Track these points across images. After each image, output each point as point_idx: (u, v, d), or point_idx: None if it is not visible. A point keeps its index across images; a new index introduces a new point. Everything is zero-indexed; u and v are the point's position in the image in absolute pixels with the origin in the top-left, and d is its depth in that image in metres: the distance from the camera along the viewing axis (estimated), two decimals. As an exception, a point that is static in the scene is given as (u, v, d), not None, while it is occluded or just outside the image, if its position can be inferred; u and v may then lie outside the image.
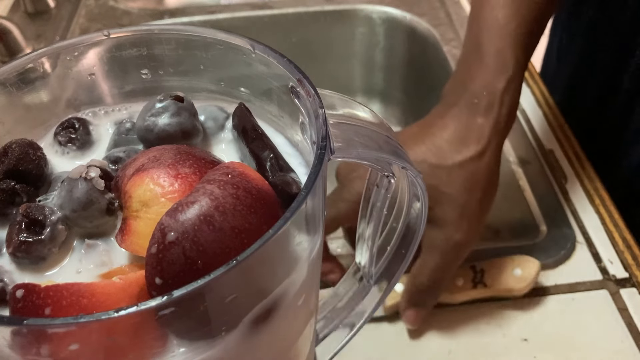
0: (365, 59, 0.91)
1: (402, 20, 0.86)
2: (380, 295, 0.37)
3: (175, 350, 0.22)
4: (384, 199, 0.32)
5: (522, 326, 0.49)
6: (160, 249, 0.22)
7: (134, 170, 0.25)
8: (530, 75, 0.74)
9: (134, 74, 0.32)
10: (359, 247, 0.36)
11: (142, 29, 0.31)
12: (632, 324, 0.49)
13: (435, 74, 0.82)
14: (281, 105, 0.30)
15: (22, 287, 0.22)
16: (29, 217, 0.26)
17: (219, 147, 0.31)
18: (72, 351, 0.20)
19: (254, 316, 0.23)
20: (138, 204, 0.25)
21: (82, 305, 0.21)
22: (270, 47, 0.29)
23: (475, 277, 0.50)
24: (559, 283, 0.52)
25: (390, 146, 0.29)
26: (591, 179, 0.61)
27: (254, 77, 0.31)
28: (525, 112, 0.69)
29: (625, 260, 0.54)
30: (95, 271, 0.25)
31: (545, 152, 0.64)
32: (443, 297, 0.49)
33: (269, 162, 0.27)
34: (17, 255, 0.25)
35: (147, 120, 0.29)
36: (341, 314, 0.38)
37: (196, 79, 0.32)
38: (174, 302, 0.19)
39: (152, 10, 0.89)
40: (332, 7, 0.87)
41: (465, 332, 0.49)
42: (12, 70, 0.30)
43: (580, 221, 0.57)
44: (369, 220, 0.34)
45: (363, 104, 0.29)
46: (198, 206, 0.22)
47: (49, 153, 0.30)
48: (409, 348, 0.48)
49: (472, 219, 0.45)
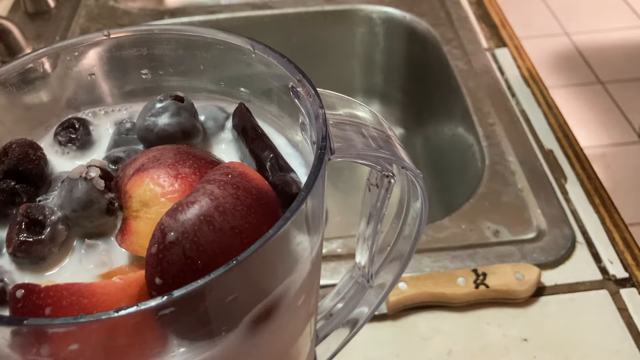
0: (365, 59, 0.91)
1: (402, 20, 0.86)
2: (381, 295, 0.37)
3: (175, 350, 0.22)
4: (384, 199, 0.32)
5: (522, 326, 0.49)
6: (160, 249, 0.22)
7: (134, 170, 0.25)
8: (530, 75, 0.74)
9: (134, 74, 0.32)
10: (359, 247, 0.36)
11: (142, 29, 0.31)
12: (632, 324, 0.49)
13: (435, 74, 0.82)
14: (281, 105, 0.30)
15: (22, 287, 0.22)
16: (29, 217, 0.26)
17: (219, 147, 0.31)
18: (72, 351, 0.20)
19: (254, 316, 0.23)
20: (138, 204, 0.25)
21: (82, 305, 0.21)
22: (270, 47, 0.29)
23: (477, 278, 0.50)
24: (559, 283, 0.52)
25: (390, 146, 0.29)
26: (591, 179, 0.61)
27: (254, 77, 0.31)
28: (525, 112, 0.69)
29: (625, 260, 0.54)
30: (95, 271, 0.25)
31: (545, 152, 0.64)
32: (444, 298, 0.50)
33: (269, 162, 0.27)
34: (17, 255, 0.25)
35: (147, 120, 0.29)
36: (341, 314, 0.38)
37: (196, 79, 0.32)
38: (174, 302, 0.19)
39: (152, 10, 0.89)
40: (332, 7, 0.87)
41: (465, 332, 0.49)
42: (12, 70, 0.30)
43: (580, 221, 0.57)
44: (369, 220, 0.34)
45: (363, 104, 0.29)
46: (198, 206, 0.22)
47: (49, 153, 0.30)
48: (409, 348, 0.48)
49: None
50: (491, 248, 0.54)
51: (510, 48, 0.79)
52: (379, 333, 0.49)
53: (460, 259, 0.54)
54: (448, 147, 0.78)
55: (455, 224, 0.57)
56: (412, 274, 0.51)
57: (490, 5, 0.87)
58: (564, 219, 0.57)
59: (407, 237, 0.35)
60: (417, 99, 0.88)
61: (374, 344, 0.48)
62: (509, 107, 0.70)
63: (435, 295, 0.50)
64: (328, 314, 0.38)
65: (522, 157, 0.63)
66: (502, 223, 0.57)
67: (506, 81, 0.74)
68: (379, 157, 0.28)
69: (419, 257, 0.54)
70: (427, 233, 0.56)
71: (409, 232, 0.35)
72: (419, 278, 0.51)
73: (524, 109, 0.70)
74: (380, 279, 0.37)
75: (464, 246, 0.55)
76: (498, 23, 0.84)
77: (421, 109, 0.87)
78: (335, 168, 0.81)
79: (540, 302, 0.51)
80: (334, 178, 0.85)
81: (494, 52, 0.79)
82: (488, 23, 0.84)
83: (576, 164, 0.62)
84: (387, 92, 0.93)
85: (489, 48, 0.79)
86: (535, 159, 0.63)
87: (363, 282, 0.37)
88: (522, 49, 0.79)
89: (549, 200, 0.58)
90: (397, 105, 0.92)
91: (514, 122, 0.68)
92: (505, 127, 0.67)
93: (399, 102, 0.92)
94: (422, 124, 0.87)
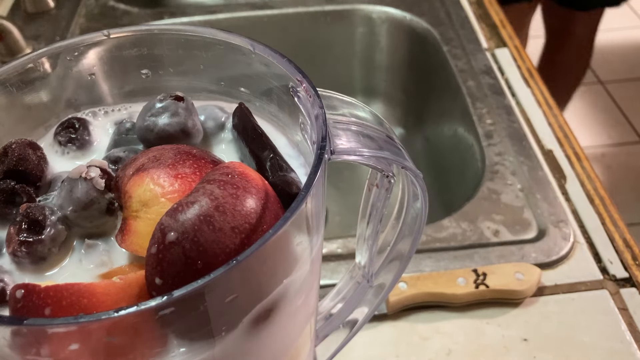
0: (365, 59, 0.91)
1: (402, 20, 0.86)
2: (381, 295, 0.37)
3: (175, 350, 0.22)
4: (384, 199, 0.32)
5: (522, 326, 0.49)
6: (160, 249, 0.22)
7: (134, 170, 0.25)
8: (530, 75, 0.75)
9: (134, 74, 0.33)
10: (359, 247, 0.36)
11: (142, 29, 0.31)
12: (632, 324, 0.49)
13: (435, 74, 0.82)
14: (281, 105, 0.30)
15: (22, 287, 0.22)
16: (29, 217, 0.26)
17: (219, 147, 0.31)
18: (72, 351, 0.20)
19: (254, 316, 0.23)
20: (138, 204, 0.25)
21: (82, 305, 0.21)
22: (270, 47, 0.29)
23: (477, 278, 0.50)
24: (559, 283, 0.52)
25: (390, 146, 0.29)
26: (591, 179, 0.61)
27: (254, 77, 0.31)
28: (525, 112, 0.69)
29: (625, 260, 0.54)
30: (95, 271, 0.25)
31: (545, 152, 0.64)
32: (444, 298, 0.50)
33: (269, 162, 0.27)
34: (17, 255, 0.25)
35: (147, 120, 0.29)
36: (341, 314, 0.38)
37: (196, 79, 0.32)
38: (174, 302, 0.19)
39: (152, 10, 0.89)
40: (332, 7, 0.87)
41: (465, 332, 0.49)
42: (12, 70, 0.30)
43: (580, 221, 0.57)
44: (369, 220, 0.34)
45: (363, 104, 0.29)
46: (198, 206, 0.22)
47: (49, 153, 0.30)
48: (409, 348, 0.48)
49: None
50: (491, 248, 0.54)
51: (510, 48, 0.79)
52: (379, 333, 0.49)
53: (460, 259, 0.54)
54: (448, 147, 0.78)
55: (455, 224, 0.57)
56: (412, 274, 0.51)
57: (490, 5, 0.87)
58: (564, 219, 0.57)
59: (407, 237, 0.35)
60: (417, 99, 0.88)
61: (374, 344, 0.48)
62: (509, 107, 0.70)
63: (435, 295, 0.50)
64: (328, 314, 0.38)
65: (522, 157, 0.63)
66: (502, 223, 0.57)
67: (506, 81, 0.74)
68: (379, 157, 0.28)
69: (419, 257, 0.54)
70: (427, 233, 0.56)
71: (409, 232, 0.35)
72: (419, 278, 0.51)
73: (524, 109, 0.70)
74: (380, 279, 0.37)
75: (464, 246, 0.55)
76: (498, 23, 0.84)
77: (421, 109, 0.87)
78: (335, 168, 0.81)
79: (540, 302, 0.51)
80: (334, 178, 0.85)
81: (494, 52, 0.79)
82: (488, 23, 0.84)
83: (576, 164, 0.62)
84: (387, 92, 0.93)
85: (488, 48, 0.79)
86: (535, 159, 0.63)
87: (363, 282, 0.37)
88: (522, 49, 0.79)
89: (549, 200, 0.58)
90: (397, 105, 0.92)
91: (513, 122, 0.68)
92: (505, 127, 0.67)
93: (399, 102, 0.92)
94: (422, 124, 0.87)
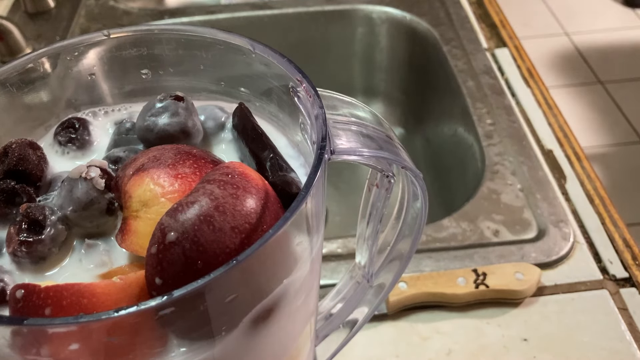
0: (365, 59, 0.91)
1: (402, 20, 0.86)
2: (381, 295, 0.37)
3: (175, 350, 0.22)
4: (384, 199, 0.32)
5: (522, 326, 0.49)
6: (160, 249, 0.22)
7: (134, 170, 0.25)
8: (530, 75, 0.74)
9: (134, 74, 0.33)
10: (359, 247, 0.36)
11: (142, 29, 0.31)
12: (632, 324, 0.49)
13: (435, 74, 0.82)
14: (281, 105, 0.30)
15: (22, 287, 0.22)
16: (29, 217, 0.26)
17: (219, 147, 0.31)
18: (72, 351, 0.20)
19: (254, 316, 0.23)
20: (138, 203, 0.25)
21: (82, 305, 0.21)
22: (270, 47, 0.29)
23: (477, 278, 0.50)
24: (558, 283, 0.52)
25: (390, 146, 0.29)
26: (591, 179, 0.61)
27: (254, 77, 0.31)
28: (525, 112, 0.69)
29: (625, 260, 0.54)
30: (95, 271, 0.25)
31: (545, 152, 0.64)
32: (444, 298, 0.50)
33: (269, 162, 0.27)
34: (17, 255, 0.25)
35: (147, 120, 0.29)
36: (341, 314, 0.38)
37: (196, 79, 0.32)
38: (174, 302, 0.19)
39: (152, 10, 0.89)
40: (332, 7, 0.87)
41: (465, 331, 0.49)
42: (12, 70, 0.30)
43: (580, 221, 0.57)
44: (369, 220, 0.34)
45: (363, 104, 0.29)
46: (198, 206, 0.22)
47: (49, 153, 0.30)
48: (409, 348, 0.48)
49: None
50: (491, 248, 0.54)
51: (510, 48, 0.79)
52: (379, 333, 0.49)
53: (460, 258, 0.54)
54: (448, 147, 0.78)
55: (455, 224, 0.57)
56: (412, 274, 0.51)
57: (490, 5, 0.87)
58: (564, 219, 0.57)
59: (407, 237, 0.35)
60: (417, 99, 0.88)
61: (374, 344, 0.48)
62: (509, 107, 0.70)
63: (435, 295, 0.50)
64: (328, 314, 0.38)
65: (522, 157, 0.63)
66: (502, 223, 0.57)
67: (506, 81, 0.74)
68: (379, 157, 0.28)
69: (419, 257, 0.54)
70: (427, 233, 0.56)
71: (409, 232, 0.35)
72: (419, 278, 0.51)
73: (524, 109, 0.70)
74: (380, 279, 0.37)
75: (464, 246, 0.55)
76: (498, 23, 0.84)
77: (421, 109, 0.87)
78: (335, 168, 0.81)
79: (540, 302, 0.51)
80: (334, 178, 0.85)
81: (493, 52, 0.79)
82: (488, 23, 0.84)
83: (576, 164, 0.62)
84: (387, 92, 0.93)
85: (488, 48, 0.79)
86: (535, 159, 0.63)
87: (363, 282, 0.37)
88: (522, 49, 0.79)
89: (549, 200, 0.58)
90: (397, 105, 0.92)
91: (513, 122, 0.68)
92: (505, 127, 0.67)
93: (399, 102, 0.92)
94: (422, 124, 0.87)
